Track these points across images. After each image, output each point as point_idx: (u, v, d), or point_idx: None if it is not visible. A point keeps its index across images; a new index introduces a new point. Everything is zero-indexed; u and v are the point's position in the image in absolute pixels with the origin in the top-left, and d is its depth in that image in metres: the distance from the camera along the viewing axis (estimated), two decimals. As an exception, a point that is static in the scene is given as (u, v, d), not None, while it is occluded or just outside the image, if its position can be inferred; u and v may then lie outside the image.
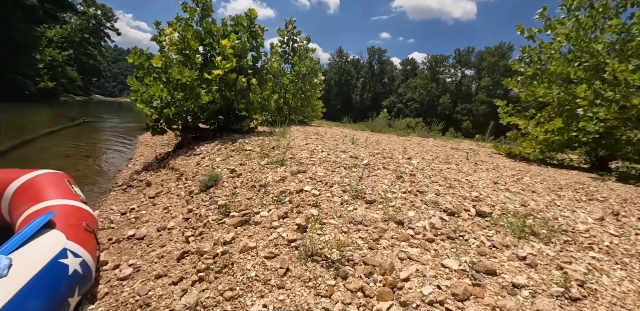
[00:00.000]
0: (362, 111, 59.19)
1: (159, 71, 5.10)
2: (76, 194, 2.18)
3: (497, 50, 52.93)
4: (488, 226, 2.14)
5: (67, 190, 2.18)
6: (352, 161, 3.57)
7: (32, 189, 2.13)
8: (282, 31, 8.89)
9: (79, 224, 1.84)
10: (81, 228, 1.83)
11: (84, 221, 1.91)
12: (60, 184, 2.21)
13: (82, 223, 1.87)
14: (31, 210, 1.96)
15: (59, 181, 2.26)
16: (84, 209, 2.04)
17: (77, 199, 2.11)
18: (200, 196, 2.81)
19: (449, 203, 2.43)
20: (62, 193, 2.12)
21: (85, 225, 1.86)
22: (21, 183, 2.18)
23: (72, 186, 2.27)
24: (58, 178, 2.29)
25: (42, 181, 2.21)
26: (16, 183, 2.18)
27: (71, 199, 2.08)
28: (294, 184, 2.67)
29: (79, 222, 1.86)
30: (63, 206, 1.96)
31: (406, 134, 9.18)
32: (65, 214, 1.88)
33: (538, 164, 5.30)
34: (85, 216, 1.99)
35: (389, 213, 2.13)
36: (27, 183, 2.18)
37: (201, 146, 4.85)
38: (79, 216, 1.93)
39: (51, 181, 2.22)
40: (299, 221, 1.93)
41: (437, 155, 4.77)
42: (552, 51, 5.40)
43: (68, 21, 41.32)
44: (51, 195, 2.07)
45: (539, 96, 5.50)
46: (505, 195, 2.95)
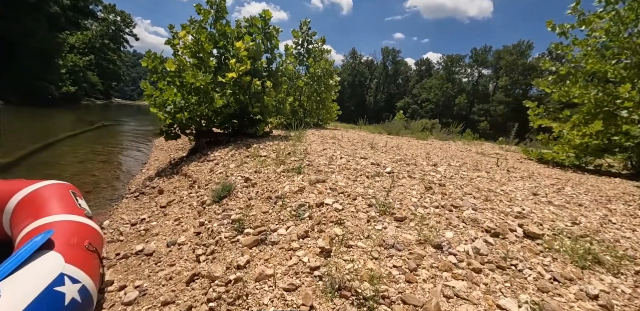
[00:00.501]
0: (376, 112, 58.64)
1: (173, 74, 4.99)
2: (80, 207, 2.01)
3: (516, 48, 51.39)
4: (541, 251, 1.84)
5: (70, 204, 2.02)
6: (374, 169, 3.32)
7: (33, 203, 1.98)
8: (297, 32, 8.71)
9: (81, 243, 1.67)
10: (82, 247, 1.65)
11: (87, 239, 1.73)
12: (64, 197, 2.06)
13: (84, 241, 1.69)
14: (31, 227, 1.80)
15: (63, 193, 2.11)
16: (88, 226, 1.87)
17: (81, 213, 1.94)
18: (212, 208, 2.62)
19: (490, 221, 2.15)
20: (65, 207, 1.96)
21: (87, 244, 1.68)
22: (23, 196, 2.03)
23: (77, 198, 2.11)
24: (62, 190, 2.13)
25: (45, 193, 2.05)
26: (18, 196, 2.04)
27: (74, 214, 1.91)
28: (313, 196, 2.43)
29: (81, 241, 1.69)
30: (64, 223, 1.79)
31: (425, 137, 8.82)
32: (66, 233, 1.71)
33: (574, 171, 4.89)
34: (88, 233, 1.82)
35: (424, 233, 1.87)
36: (29, 196, 2.03)
37: (215, 151, 4.70)
38: (81, 234, 1.76)
39: (54, 194, 2.06)
40: (322, 244, 1.70)
41: (464, 161, 4.45)
42: (588, 48, 4.98)
43: (89, 28, 42.63)
44: (53, 210, 1.91)
45: (574, 96, 5.08)
46: (550, 210, 2.63)
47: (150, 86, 4.89)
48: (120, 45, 49.89)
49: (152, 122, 15.68)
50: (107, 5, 45.33)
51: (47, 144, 7.57)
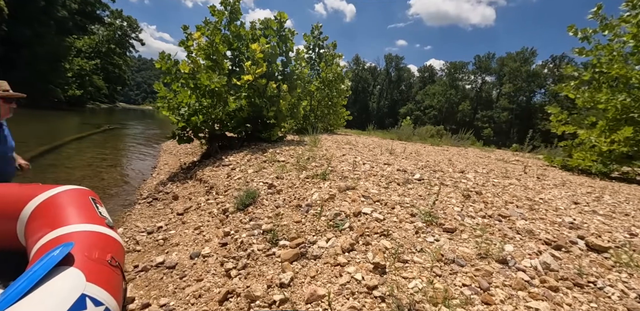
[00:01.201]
0: (379, 118, 58.68)
1: (187, 76, 4.86)
2: (101, 216, 1.84)
3: (519, 55, 51.45)
4: (613, 266, 1.65)
5: (91, 212, 1.84)
6: (402, 176, 3.14)
7: (51, 211, 1.80)
8: (308, 37, 8.62)
9: (103, 257, 1.49)
10: (105, 262, 1.47)
11: (109, 252, 1.55)
12: (84, 205, 1.88)
13: (106, 255, 1.51)
14: (48, 238, 1.62)
15: (83, 200, 1.93)
16: (110, 237, 1.69)
17: (102, 223, 1.77)
18: (237, 217, 2.44)
19: (546, 233, 1.96)
20: (85, 216, 1.78)
21: (110, 259, 1.50)
22: (39, 202, 1.86)
23: (98, 206, 1.93)
24: (82, 196, 1.96)
25: (64, 200, 1.88)
26: (34, 203, 1.86)
27: (95, 223, 1.73)
28: (347, 204, 2.26)
29: (103, 255, 1.51)
30: (84, 234, 1.62)
31: (438, 143, 8.64)
32: (87, 245, 1.53)
33: (602, 179, 4.69)
34: (110, 245, 1.64)
35: (482, 246, 1.69)
36: (45, 203, 1.85)
37: (229, 155, 4.53)
38: (103, 247, 1.58)
39: (73, 201, 1.88)
40: (374, 259, 1.51)
41: (489, 168, 4.27)
42: (614, 53, 4.83)
43: (96, 32, 43.05)
44: (72, 219, 1.73)
45: (600, 102, 4.91)
46: (599, 220, 2.44)
47: (164, 88, 4.76)
48: (126, 50, 50.30)
49: (159, 126, 15.60)
50: (114, 11, 45.82)
51: (54, 147, 7.45)
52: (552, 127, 5.62)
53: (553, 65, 49.20)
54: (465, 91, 56.83)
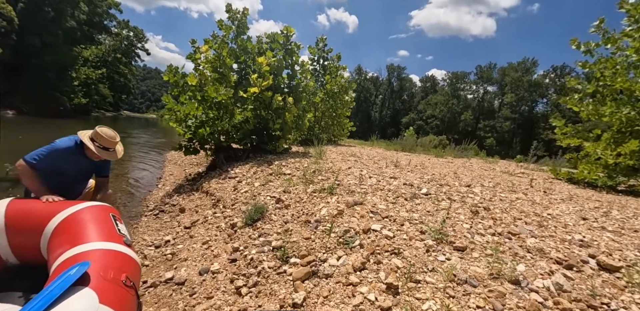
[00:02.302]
0: (382, 128, 58.88)
1: (194, 88, 4.94)
2: (120, 234, 1.85)
3: (521, 65, 51.81)
4: (626, 286, 1.65)
5: (110, 229, 1.86)
6: (409, 190, 3.15)
7: (72, 227, 1.82)
8: (313, 49, 8.77)
9: (118, 277, 1.50)
10: (119, 283, 1.48)
11: (124, 272, 1.56)
12: (104, 222, 1.90)
13: (121, 275, 1.52)
14: (67, 255, 1.63)
15: (104, 217, 1.95)
16: (126, 256, 1.70)
17: (120, 241, 1.78)
18: (246, 232, 2.45)
19: (557, 251, 1.96)
20: (105, 234, 1.80)
21: (124, 279, 1.51)
22: (62, 218, 1.88)
23: (117, 223, 1.95)
24: (103, 213, 1.98)
25: (85, 216, 1.90)
26: (58, 218, 1.89)
27: (113, 241, 1.75)
28: (356, 220, 2.26)
29: (118, 275, 1.52)
30: (102, 252, 1.63)
31: (442, 154, 8.66)
32: (103, 265, 1.54)
33: (608, 192, 4.67)
34: (126, 264, 1.65)
35: (494, 266, 1.68)
36: (68, 219, 1.87)
37: (235, 167, 4.56)
38: (119, 266, 1.59)
39: (94, 218, 1.91)
40: (387, 279, 1.52)
41: (495, 181, 4.27)
42: (618, 66, 4.88)
43: (102, 42, 43.85)
44: (92, 236, 1.74)
45: (604, 114, 4.94)
46: (608, 236, 2.42)
47: (172, 100, 4.84)
48: (132, 59, 51.09)
49: (162, 135, 15.69)
50: (121, 21, 46.72)
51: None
52: (557, 140, 5.63)
53: (554, 75, 49.46)
54: (467, 101, 57.05)
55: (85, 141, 2.31)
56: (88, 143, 2.30)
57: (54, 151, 2.27)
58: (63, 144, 2.31)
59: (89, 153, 2.36)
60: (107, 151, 2.39)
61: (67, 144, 2.32)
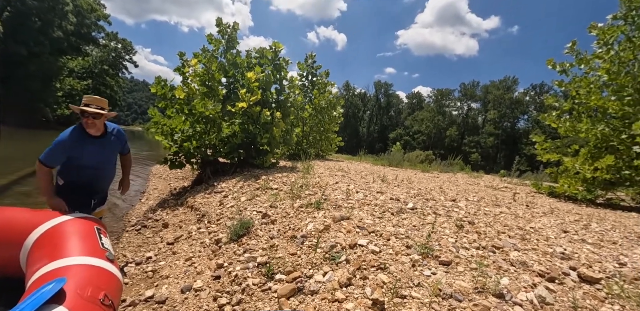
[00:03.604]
0: (369, 143, 59.56)
1: (181, 102, 4.93)
2: (102, 248, 1.78)
3: (502, 83, 54.03)
4: (606, 298, 1.68)
5: (93, 243, 1.79)
6: (395, 205, 3.17)
7: (53, 240, 1.74)
8: (302, 65, 8.96)
9: (96, 295, 1.43)
10: (97, 301, 1.41)
11: (103, 289, 1.49)
12: (87, 235, 1.82)
13: (99, 293, 1.46)
14: (45, 270, 1.56)
15: (87, 230, 1.87)
16: (107, 272, 1.63)
17: (102, 256, 1.71)
18: (231, 248, 2.40)
19: (539, 264, 1.99)
20: (86, 248, 1.72)
21: (102, 297, 1.45)
22: (44, 230, 1.81)
23: (101, 236, 1.88)
24: (87, 226, 1.90)
25: (68, 229, 1.82)
26: (39, 231, 1.81)
27: (95, 256, 1.67)
28: (343, 235, 2.26)
29: (96, 292, 1.45)
30: (81, 268, 1.56)
31: (428, 169, 8.79)
32: (81, 281, 1.47)
33: (588, 205, 4.82)
34: (106, 281, 1.58)
35: (478, 279, 1.69)
36: (50, 231, 1.80)
37: (222, 182, 4.51)
38: (98, 283, 1.52)
39: (77, 230, 1.83)
40: (372, 294, 1.50)
41: (480, 196, 4.35)
42: (592, 86, 5.16)
43: (90, 53, 43.50)
44: (72, 250, 1.67)
45: (581, 131, 5.16)
46: (589, 249, 2.48)
47: (159, 114, 4.81)
48: (119, 71, 50.64)
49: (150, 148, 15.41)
50: (109, 33, 46.60)
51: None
52: (538, 155, 5.82)
53: (534, 93, 51.70)
54: (452, 117, 58.71)
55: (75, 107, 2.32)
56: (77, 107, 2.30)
57: (60, 143, 2.28)
58: (65, 133, 2.31)
59: (86, 123, 2.32)
60: (100, 110, 2.34)
61: (68, 132, 2.32)
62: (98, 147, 2.44)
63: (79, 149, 2.34)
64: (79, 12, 34.17)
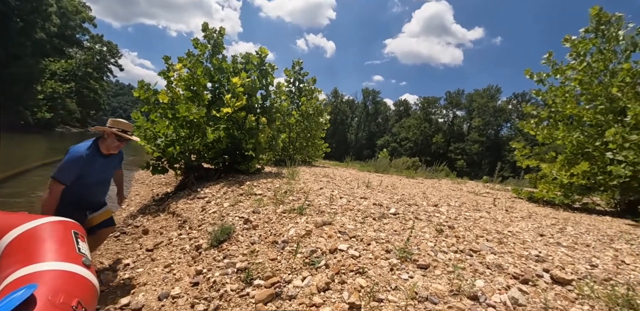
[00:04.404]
0: (357, 150, 59.98)
1: (165, 106, 4.88)
2: (79, 253, 1.70)
3: (486, 92, 55.56)
4: (576, 298, 1.73)
5: (69, 248, 1.69)
6: (377, 210, 3.20)
7: (26, 245, 1.67)
8: (289, 71, 9.01)
9: (68, 302, 1.37)
10: (69, 309, 1.36)
11: (76, 296, 1.43)
12: (63, 239, 1.73)
13: (72, 300, 1.40)
14: (17, 275, 1.48)
15: (64, 234, 1.78)
16: (82, 278, 1.56)
17: (78, 261, 1.63)
18: (211, 254, 2.37)
19: (514, 266, 2.04)
20: (61, 253, 1.63)
21: (76, 304, 1.39)
22: (17, 234, 1.72)
23: (78, 241, 1.80)
24: (63, 230, 1.81)
25: (42, 233, 1.74)
26: (12, 235, 1.72)
27: (70, 261, 1.59)
28: (324, 240, 2.26)
29: (69, 299, 1.39)
30: (54, 274, 1.49)
31: (413, 175, 8.91)
32: (53, 288, 1.41)
33: (565, 209, 4.97)
34: (81, 288, 1.51)
35: (454, 282, 1.73)
36: (23, 235, 1.71)
37: (205, 187, 4.46)
38: (72, 290, 1.45)
39: (52, 234, 1.74)
40: (351, 299, 1.51)
41: (461, 201, 4.43)
42: (567, 95, 5.38)
43: (74, 56, 42.61)
44: (46, 255, 1.58)
45: (558, 138, 5.35)
46: (563, 251, 2.56)
47: (142, 117, 4.74)
48: (104, 74, 49.77)
49: (134, 153, 15.10)
50: (94, 35, 45.86)
51: (17, 173, 7.03)
52: (517, 161, 5.99)
53: (516, 101, 53.32)
54: (438, 124, 59.83)
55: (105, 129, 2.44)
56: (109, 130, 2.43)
57: (76, 160, 2.31)
58: (80, 151, 2.36)
59: (108, 145, 2.46)
60: (127, 134, 2.51)
61: (82, 150, 2.37)
62: (104, 165, 2.54)
63: (90, 166, 2.40)
64: (63, 13, 33.61)
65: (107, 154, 2.51)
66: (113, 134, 2.44)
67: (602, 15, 5.14)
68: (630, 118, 4.49)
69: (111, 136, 2.45)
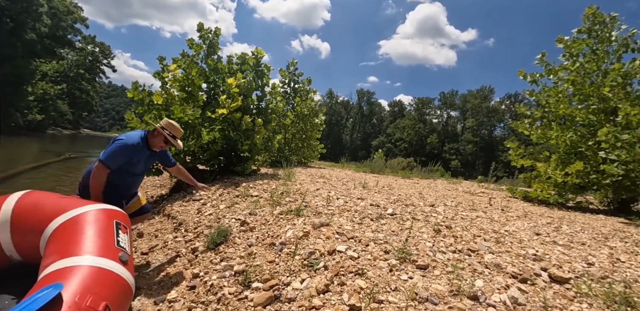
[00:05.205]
0: (353, 150, 60.06)
1: (159, 107, 4.83)
2: (116, 247, 1.60)
3: (479, 93, 56.05)
4: (575, 296, 1.74)
5: (107, 241, 1.61)
6: (375, 211, 3.20)
7: (68, 234, 1.59)
8: (284, 72, 8.99)
9: (95, 306, 1.28)
10: None
11: (106, 299, 1.32)
12: (104, 230, 1.66)
13: (100, 303, 1.30)
14: (53, 267, 1.40)
15: (106, 224, 1.71)
16: (116, 277, 1.46)
17: (114, 256, 1.53)
18: (208, 257, 2.34)
19: (512, 266, 2.04)
20: (99, 246, 1.55)
21: (103, 308, 1.31)
22: (63, 221, 1.66)
23: (119, 232, 1.71)
24: (106, 220, 1.74)
25: (85, 222, 1.66)
26: (58, 221, 1.67)
27: (106, 256, 1.50)
28: (322, 242, 2.25)
29: (97, 302, 1.28)
30: (88, 271, 1.39)
31: (409, 176, 8.93)
32: (82, 288, 1.30)
33: (559, 208, 5.01)
34: (112, 288, 1.41)
35: (454, 283, 1.72)
36: (67, 223, 1.65)
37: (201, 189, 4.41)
38: (100, 291, 1.35)
39: (95, 224, 1.67)
40: (349, 300, 1.50)
41: (457, 201, 4.45)
42: (560, 95, 5.44)
43: (65, 57, 42.08)
44: (83, 248, 1.50)
45: (551, 138, 5.41)
46: (559, 250, 2.58)
47: (136, 118, 4.68)
48: (96, 75, 49.21)
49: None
50: (86, 36, 45.33)
51: (6, 177, 6.90)
52: (512, 160, 6.04)
53: (509, 102, 53.88)
54: (433, 125, 60.20)
55: (158, 128, 2.49)
56: (161, 131, 2.48)
57: (126, 147, 2.32)
58: (133, 140, 2.38)
59: (154, 142, 2.51)
60: (175, 140, 2.58)
61: (136, 139, 2.40)
62: (149, 158, 2.61)
63: (139, 156, 2.45)
64: (55, 14, 33.21)
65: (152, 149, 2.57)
66: (162, 136, 2.51)
67: (597, 15, 5.20)
68: (622, 118, 4.55)
69: (160, 136, 2.51)
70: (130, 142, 2.34)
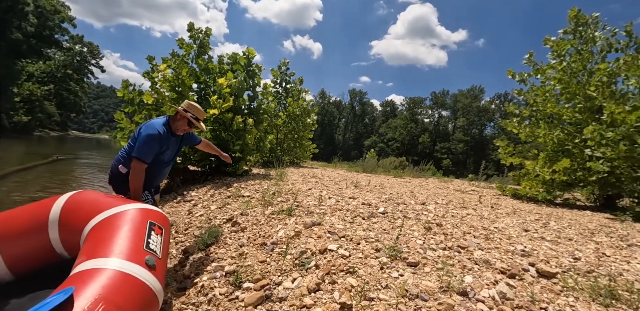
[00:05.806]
0: (345, 150, 60.19)
1: (150, 107, 4.77)
2: (145, 250, 1.50)
3: (470, 92, 56.74)
4: (561, 291, 1.77)
5: (137, 243, 1.51)
6: (366, 209, 3.21)
7: (100, 234, 1.53)
8: (275, 72, 8.97)
9: None
10: None
11: (119, 307, 1.21)
12: (134, 231, 1.58)
13: None
14: (78, 269, 1.34)
15: (139, 225, 1.63)
16: (138, 283, 1.34)
17: (140, 260, 1.42)
18: (198, 258, 2.32)
19: (501, 261, 2.07)
20: (126, 248, 1.46)
21: None
22: (99, 220, 1.62)
23: (151, 233, 1.62)
24: (140, 220, 1.66)
25: (118, 222, 1.61)
26: (96, 219, 1.63)
27: (130, 259, 1.40)
28: (313, 241, 2.25)
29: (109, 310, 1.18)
30: (109, 275, 1.30)
31: (401, 175, 8.99)
32: (96, 294, 1.20)
33: (547, 205, 5.11)
34: (131, 296, 1.29)
35: (444, 279, 1.74)
36: (103, 222, 1.61)
37: (192, 190, 4.38)
38: (116, 298, 1.23)
39: (128, 225, 1.60)
40: (342, 299, 1.50)
41: (448, 199, 4.49)
42: (547, 94, 5.54)
43: (52, 57, 41.25)
44: (111, 250, 1.42)
45: (539, 136, 5.51)
46: (547, 246, 2.63)
47: (126, 118, 4.62)
48: (85, 76, 48.35)
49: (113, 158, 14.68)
50: (74, 36, 44.48)
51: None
52: (501, 159, 6.13)
53: (499, 101, 54.67)
54: (425, 124, 60.72)
55: (181, 111, 2.39)
56: (184, 113, 2.37)
57: (155, 136, 2.24)
58: (156, 127, 2.28)
59: (177, 126, 2.41)
60: (198, 122, 2.46)
61: (160, 127, 2.31)
62: (175, 144, 2.52)
63: (166, 144, 2.36)
64: (41, 13, 32.53)
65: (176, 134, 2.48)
66: (186, 119, 2.39)
67: (579, 17, 5.31)
68: (607, 116, 4.65)
69: (184, 119, 2.40)
70: (155, 132, 2.25)
